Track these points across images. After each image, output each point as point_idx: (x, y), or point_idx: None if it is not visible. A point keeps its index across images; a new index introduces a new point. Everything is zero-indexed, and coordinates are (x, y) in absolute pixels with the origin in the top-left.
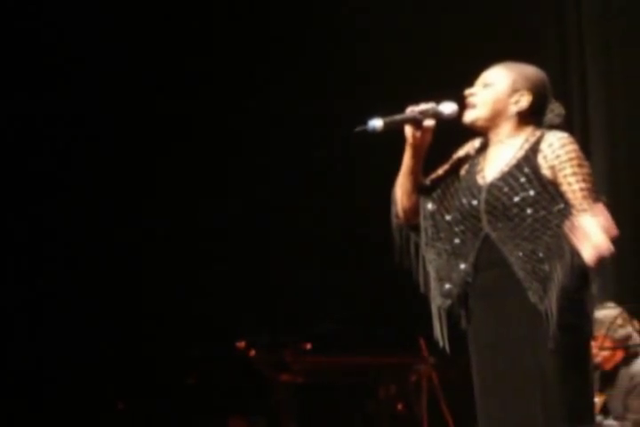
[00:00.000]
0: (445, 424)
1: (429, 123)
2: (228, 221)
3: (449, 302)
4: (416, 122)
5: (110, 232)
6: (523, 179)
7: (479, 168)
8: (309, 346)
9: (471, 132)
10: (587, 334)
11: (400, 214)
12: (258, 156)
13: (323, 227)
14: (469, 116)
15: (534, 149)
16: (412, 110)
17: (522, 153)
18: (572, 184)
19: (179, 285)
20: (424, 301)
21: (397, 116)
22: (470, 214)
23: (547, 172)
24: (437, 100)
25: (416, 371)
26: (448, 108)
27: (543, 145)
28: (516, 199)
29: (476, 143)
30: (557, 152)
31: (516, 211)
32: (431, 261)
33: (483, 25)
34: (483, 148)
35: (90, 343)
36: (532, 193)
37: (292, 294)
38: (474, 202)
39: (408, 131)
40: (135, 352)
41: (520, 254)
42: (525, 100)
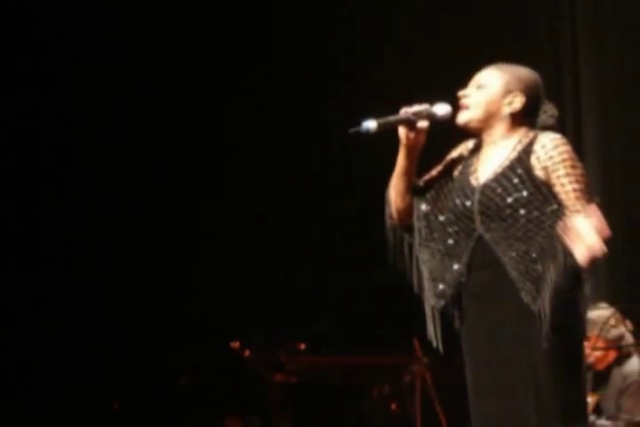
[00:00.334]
0: (439, 424)
1: (423, 124)
2: (224, 222)
3: (442, 302)
4: (410, 123)
5: (107, 232)
6: (516, 180)
7: (472, 169)
8: (304, 346)
9: (465, 133)
10: (580, 334)
11: (394, 215)
12: (256, 156)
13: (317, 227)
14: (463, 118)
15: (527, 151)
16: (405, 112)
17: (515, 154)
18: (565, 185)
19: (174, 285)
20: (418, 301)
21: (391, 118)
22: (464, 215)
23: (540, 173)
24: (431, 102)
25: (410, 371)
26: (442, 109)
27: (536, 146)
28: (510, 200)
29: (470, 144)
30: (550, 153)
31: (509, 212)
32: (425, 261)
33: (476, 26)
34: (476, 149)
35: (86, 344)
36: (525, 194)
37: (287, 295)
38: (467, 203)
39: (402, 132)
40: (131, 352)
41: (513, 255)
42: (519, 102)
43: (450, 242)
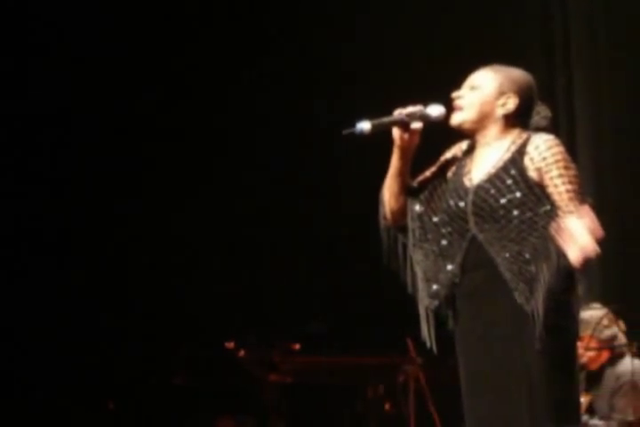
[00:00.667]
0: (433, 424)
1: (417, 125)
2: (218, 222)
3: (436, 302)
4: (403, 124)
5: (102, 232)
6: (509, 181)
7: (466, 170)
8: (298, 346)
9: (458, 134)
10: (573, 334)
11: (388, 216)
12: (246, 156)
13: (312, 227)
14: (456, 119)
15: (521, 152)
16: (399, 113)
17: (508, 155)
18: (559, 186)
19: (169, 285)
20: (412, 301)
21: (385, 119)
22: (457, 216)
23: (533, 174)
24: (425, 103)
25: (404, 371)
26: (435, 110)
27: (530, 147)
28: (503, 201)
29: (464, 145)
30: (544, 154)
31: (502, 212)
32: (419, 262)
33: (470, 28)
34: (470, 150)
35: (80, 343)
36: (518, 195)
37: (281, 295)
38: (461, 204)
39: (396, 133)
40: (125, 352)
41: (507, 255)
42: (512, 103)
43: (443, 243)
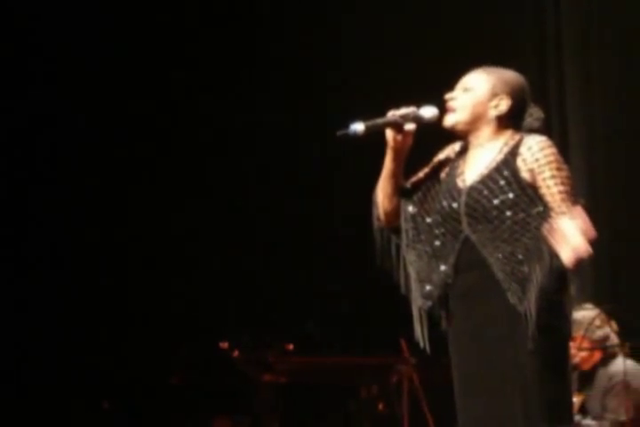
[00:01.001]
0: (426, 424)
1: (410, 126)
2: (213, 222)
3: (429, 303)
4: (397, 126)
5: (96, 233)
6: (502, 182)
7: (459, 171)
8: (292, 347)
9: (451, 135)
10: (565, 334)
11: (381, 217)
12: (242, 156)
13: (306, 228)
14: (449, 120)
15: (513, 153)
16: (393, 114)
17: (501, 156)
18: (551, 187)
19: (164, 286)
20: (405, 302)
21: (379, 120)
22: (450, 217)
23: (526, 175)
24: (418, 105)
25: (397, 371)
26: (428, 112)
27: (522, 148)
28: (496, 202)
29: (457, 147)
30: (536, 155)
31: (495, 213)
32: (412, 262)
33: (462, 30)
34: (463, 151)
35: (75, 343)
36: (511, 196)
37: (275, 295)
38: (454, 204)
39: (389, 134)
40: (120, 352)
41: (499, 256)
42: (505, 105)
43: (437, 243)
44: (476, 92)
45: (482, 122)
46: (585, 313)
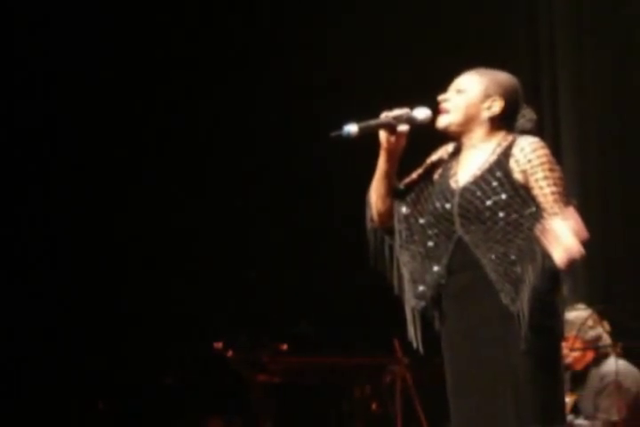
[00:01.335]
0: (419, 424)
1: (403, 128)
2: (208, 222)
3: (422, 303)
4: (390, 127)
5: (91, 233)
6: (495, 183)
7: (452, 172)
8: (286, 347)
9: (444, 137)
10: (558, 335)
11: (375, 218)
12: (240, 157)
13: (299, 228)
14: (443, 122)
15: (506, 154)
16: (386, 116)
17: (494, 157)
18: (544, 188)
19: (159, 286)
20: (398, 302)
21: (372, 122)
22: (443, 218)
23: (518, 176)
24: (411, 106)
25: (390, 371)
26: (422, 113)
27: (515, 150)
28: (489, 203)
29: (450, 148)
30: (529, 156)
31: (488, 214)
32: (405, 263)
33: (456, 31)
34: (456, 152)
35: (70, 344)
36: (504, 197)
37: (269, 296)
38: (447, 205)
39: (382, 136)
40: (115, 353)
41: (492, 257)
42: (498, 106)
43: (430, 244)
44: (469, 93)
45: (475, 123)
46: (577, 313)
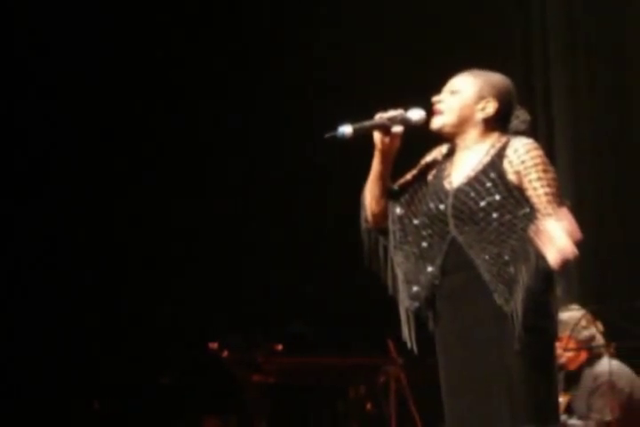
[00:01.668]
0: (413, 424)
1: (398, 129)
2: (202, 223)
3: (417, 304)
4: (385, 128)
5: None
6: (489, 184)
7: (446, 173)
8: (281, 347)
9: (438, 138)
10: (551, 335)
11: (369, 218)
12: (233, 158)
13: (294, 229)
14: (437, 123)
15: (500, 155)
16: (380, 117)
17: (488, 158)
18: (537, 189)
19: (153, 287)
20: (392, 303)
21: (366, 123)
22: (437, 218)
23: (512, 177)
24: (405, 107)
25: (385, 372)
26: (416, 114)
27: (509, 151)
28: (483, 204)
29: (444, 149)
30: (523, 158)
31: (482, 215)
32: (399, 263)
33: (449, 33)
34: (450, 153)
35: (66, 343)
36: (497, 198)
37: (264, 296)
38: (441, 206)
39: (377, 137)
40: (110, 352)
41: (486, 257)
42: (491, 107)
43: (424, 245)
44: (463, 94)
45: (469, 124)
46: (571, 314)
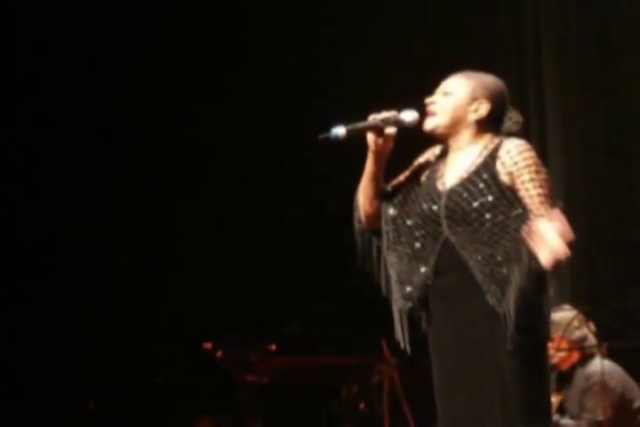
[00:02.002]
0: (407, 424)
1: (391, 130)
2: (197, 223)
3: (410, 304)
4: (378, 129)
5: (80, 233)
6: (481, 185)
7: (439, 174)
8: (275, 347)
9: (431, 139)
10: (544, 335)
11: (362, 219)
12: (229, 158)
13: (289, 229)
14: (430, 124)
15: (493, 156)
16: (373, 118)
17: (481, 160)
18: (530, 190)
19: (148, 286)
20: (386, 303)
21: (360, 124)
22: (430, 219)
23: (505, 178)
24: (399, 109)
25: (378, 371)
26: (409, 115)
27: (501, 152)
28: (475, 204)
29: (437, 150)
30: (515, 159)
31: (475, 216)
32: (392, 264)
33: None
34: (443, 154)
35: (61, 344)
36: (490, 198)
37: (258, 296)
38: (434, 207)
39: (370, 138)
40: (105, 353)
41: (479, 258)
42: (484, 109)
43: (417, 245)
44: (456, 96)
45: (461, 126)
46: (563, 314)
